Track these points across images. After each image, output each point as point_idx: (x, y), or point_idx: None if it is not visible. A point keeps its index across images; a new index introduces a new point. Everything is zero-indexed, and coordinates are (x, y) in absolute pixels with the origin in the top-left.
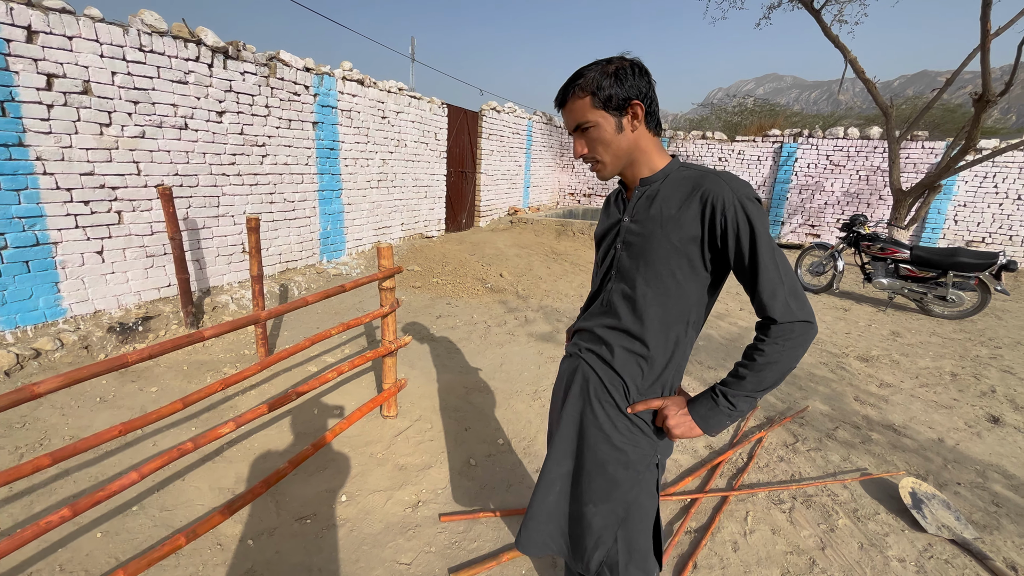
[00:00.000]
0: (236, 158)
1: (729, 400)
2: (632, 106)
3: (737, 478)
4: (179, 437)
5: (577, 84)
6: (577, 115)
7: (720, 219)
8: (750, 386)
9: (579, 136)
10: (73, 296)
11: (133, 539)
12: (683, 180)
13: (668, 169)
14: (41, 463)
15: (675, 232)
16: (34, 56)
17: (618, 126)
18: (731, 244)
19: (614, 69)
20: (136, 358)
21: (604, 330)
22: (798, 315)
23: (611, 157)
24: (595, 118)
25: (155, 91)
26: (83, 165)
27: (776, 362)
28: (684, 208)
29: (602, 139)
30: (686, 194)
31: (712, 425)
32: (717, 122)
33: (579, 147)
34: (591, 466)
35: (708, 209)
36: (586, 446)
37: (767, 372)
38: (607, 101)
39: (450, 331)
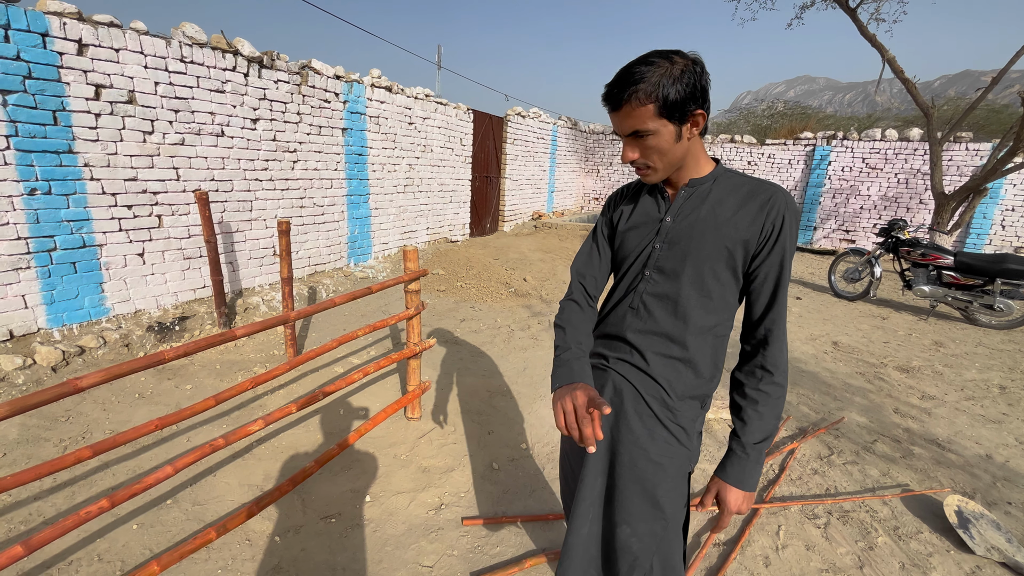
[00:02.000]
0: (269, 164)
1: (758, 451)
2: (695, 116)
3: (768, 490)
4: (211, 434)
5: (639, 88)
6: (635, 123)
7: (774, 230)
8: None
9: (633, 142)
10: (116, 296)
11: (167, 532)
12: (737, 184)
13: (716, 172)
14: (82, 455)
15: (731, 234)
16: (84, 68)
17: (677, 135)
18: (771, 260)
19: (679, 72)
20: (173, 355)
21: (636, 335)
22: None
23: (665, 164)
24: (656, 127)
25: (194, 100)
26: (127, 171)
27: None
28: (742, 211)
29: (659, 148)
30: (743, 198)
31: (755, 483)
32: (746, 126)
33: (631, 153)
34: (627, 484)
35: (768, 215)
36: (620, 463)
37: (774, 414)
38: (671, 110)
39: (474, 335)
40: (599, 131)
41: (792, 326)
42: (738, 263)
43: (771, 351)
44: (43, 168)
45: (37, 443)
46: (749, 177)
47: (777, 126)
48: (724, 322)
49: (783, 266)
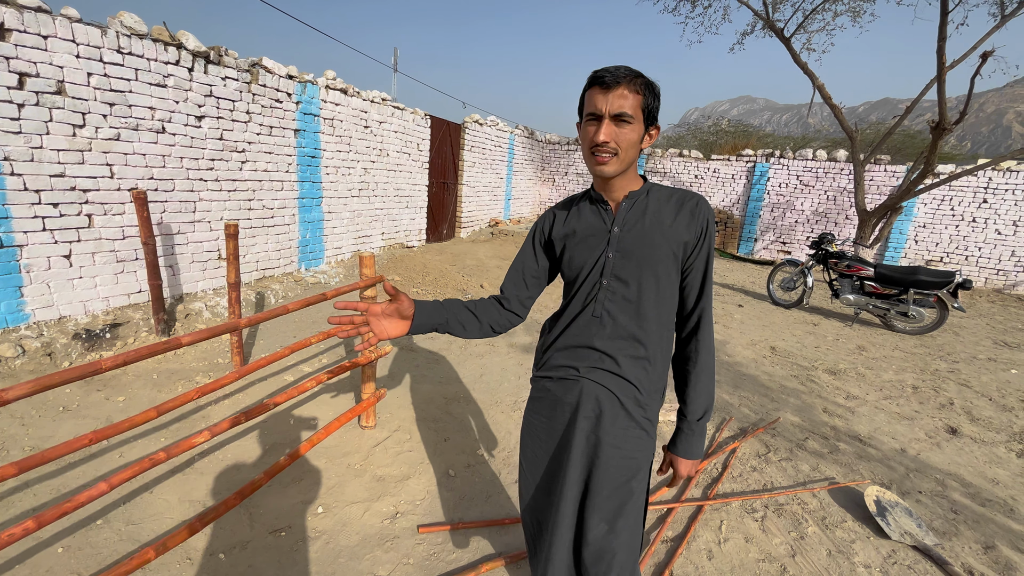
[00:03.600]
0: (215, 163)
1: (702, 425)
2: (655, 129)
3: (712, 488)
4: (147, 448)
5: (638, 79)
6: (625, 105)
7: (702, 230)
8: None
9: (612, 124)
10: (37, 301)
11: (97, 554)
12: (667, 195)
13: (647, 186)
14: (6, 472)
15: (674, 238)
16: (6, 54)
17: (641, 138)
18: (701, 256)
19: (657, 89)
20: (111, 364)
21: (605, 341)
22: (712, 343)
23: (626, 157)
24: (636, 118)
25: (132, 93)
26: (53, 167)
27: (712, 380)
28: (679, 217)
29: (630, 140)
30: (676, 206)
31: (700, 451)
32: (693, 141)
33: (607, 132)
34: (605, 484)
35: (697, 219)
36: (598, 466)
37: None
38: (648, 112)
39: (430, 341)
40: (555, 141)
41: (735, 332)
42: (680, 263)
43: (702, 335)
44: None
45: None
46: (673, 188)
47: (722, 142)
48: (672, 317)
49: (708, 261)
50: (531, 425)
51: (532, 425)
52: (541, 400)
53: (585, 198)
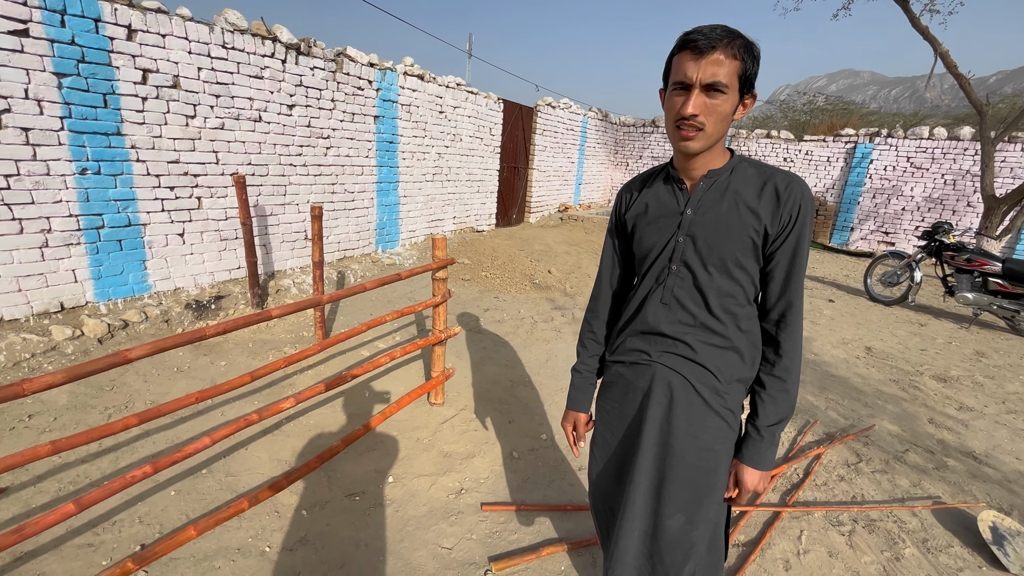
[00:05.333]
0: (303, 149)
1: (772, 433)
2: (752, 97)
3: (792, 494)
4: (244, 409)
5: (736, 41)
6: (720, 72)
7: (791, 216)
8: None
9: (702, 95)
10: (157, 274)
11: (202, 499)
12: (754, 174)
13: (733, 163)
14: (129, 423)
15: (753, 224)
16: (132, 52)
17: (735, 109)
18: (788, 245)
19: (758, 51)
20: (213, 332)
21: (675, 327)
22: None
23: (714, 132)
24: (731, 87)
25: (234, 85)
26: (170, 153)
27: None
28: (762, 201)
29: (722, 112)
30: (760, 185)
31: (771, 463)
32: (783, 120)
33: (695, 104)
34: (681, 475)
35: (785, 203)
36: (673, 454)
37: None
38: (745, 79)
39: (497, 325)
40: (630, 123)
41: (823, 329)
42: (760, 251)
43: (784, 335)
44: (93, 149)
45: (84, 410)
46: (765, 166)
47: (816, 122)
48: (753, 307)
49: (797, 252)
50: (602, 411)
51: (603, 411)
52: (613, 385)
53: (662, 174)
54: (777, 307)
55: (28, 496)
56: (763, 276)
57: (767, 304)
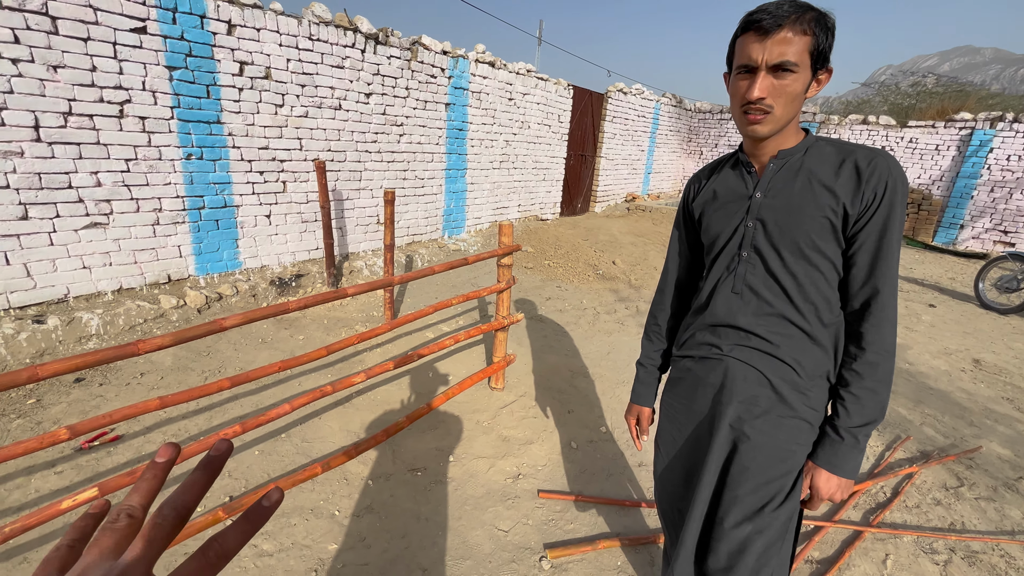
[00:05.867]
0: (378, 136)
1: (854, 436)
2: (827, 72)
3: (877, 514)
4: (318, 381)
5: (806, 15)
6: (789, 51)
7: (875, 195)
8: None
9: (769, 76)
10: (247, 252)
11: (281, 460)
12: (832, 151)
13: (807, 142)
14: (223, 385)
15: (829, 204)
16: (231, 46)
17: (807, 86)
18: (872, 226)
19: (831, 22)
20: (295, 306)
21: (749, 319)
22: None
23: (785, 114)
24: (801, 65)
25: (318, 75)
26: (261, 140)
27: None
28: (840, 178)
29: (793, 92)
30: (838, 163)
31: (852, 470)
32: (882, 105)
33: (762, 88)
34: (750, 476)
35: (868, 180)
36: (743, 454)
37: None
38: (819, 53)
39: (559, 314)
40: (705, 110)
41: (921, 336)
42: (839, 233)
43: (869, 326)
44: (197, 136)
45: (185, 371)
46: (845, 143)
47: (923, 105)
48: (835, 295)
49: (885, 234)
50: (669, 407)
51: (670, 407)
52: (681, 381)
53: (731, 160)
54: (861, 294)
55: (139, 444)
56: (846, 261)
57: (850, 291)
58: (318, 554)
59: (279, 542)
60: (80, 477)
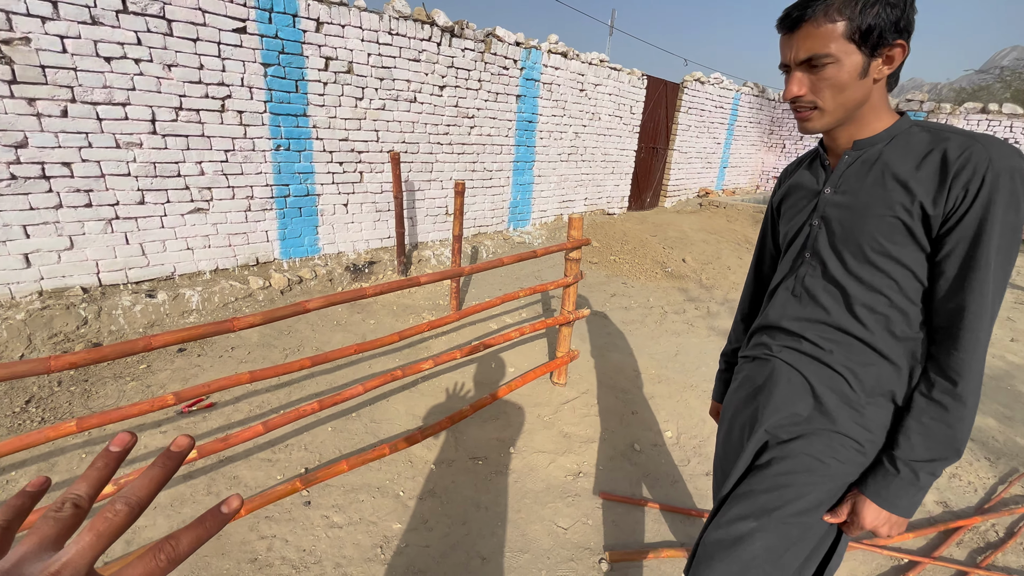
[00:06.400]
0: (449, 129)
1: (913, 471)
2: (893, 48)
3: (987, 555)
4: (386, 364)
5: (832, 4)
6: (815, 44)
7: (967, 194)
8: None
9: (803, 72)
10: (325, 239)
11: (351, 438)
12: (923, 140)
13: (896, 129)
14: (304, 363)
15: (901, 199)
16: (318, 43)
17: (863, 70)
18: (962, 230)
19: None
20: (372, 292)
21: (798, 323)
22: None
23: (836, 106)
24: (839, 53)
25: (396, 69)
26: (341, 132)
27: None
28: (919, 170)
29: (837, 82)
30: (922, 154)
31: (906, 507)
32: (1004, 92)
33: (796, 86)
34: (770, 477)
35: (957, 174)
36: (769, 452)
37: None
38: (865, 34)
39: (624, 311)
40: None
41: None
42: (921, 239)
43: (950, 350)
44: (286, 128)
45: (269, 348)
46: (946, 129)
47: None
48: (912, 305)
49: (980, 241)
50: (726, 407)
51: (726, 407)
52: (736, 380)
53: (815, 152)
54: (944, 311)
55: (228, 412)
56: (933, 269)
57: (934, 305)
58: (383, 531)
59: (348, 516)
60: None
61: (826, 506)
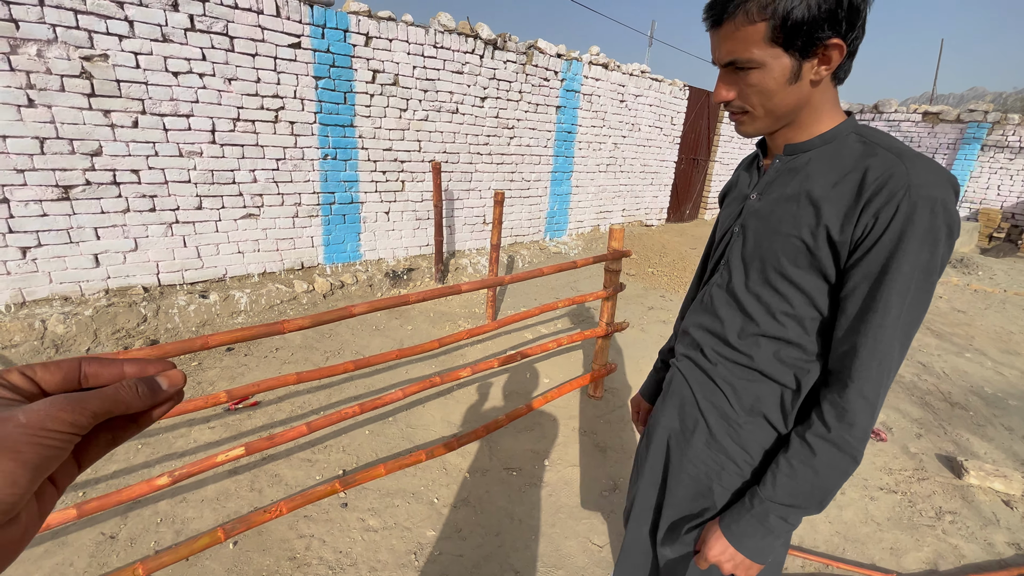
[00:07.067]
0: (489, 139)
1: (766, 510)
2: (827, 48)
3: None
4: (424, 370)
5: (751, 2)
6: (735, 47)
7: (877, 223)
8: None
9: (730, 74)
10: (367, 245)
11: (388, 443)
12: (854, 152)
13: (831, 135)
14: (348, 367)
15: (808, 219)
16: (367, 56)
17: (794, 74)
18: (868, 263)
19: None
20: (415, 299)
21: (700, 332)
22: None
23: (766, 112)
24: (763, 57)
25: (439, 81)
26: (385, 142)
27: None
28: (834, 190)
29: (764, 88)
30: (845, 170)
31: (753, 549)
32: None
33: (724, 91)
34: (672, 502)
35: (869, 200)
36: (671, 475)
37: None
38: (791, 35)
39: (662, 325)
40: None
41: None
42: (826, 266)
43: (836, 395)
44: (334, 139)
45: (311, 350)
46: (883, 142)
47: None
48: (814, 339)
49: (884, 279)
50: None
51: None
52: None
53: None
54: (837, 353)
55: (272, 411)
56: (836, 305)
57: (833, 340)
58: (417, 537)
59: (383, 520)
60: (227, 434)
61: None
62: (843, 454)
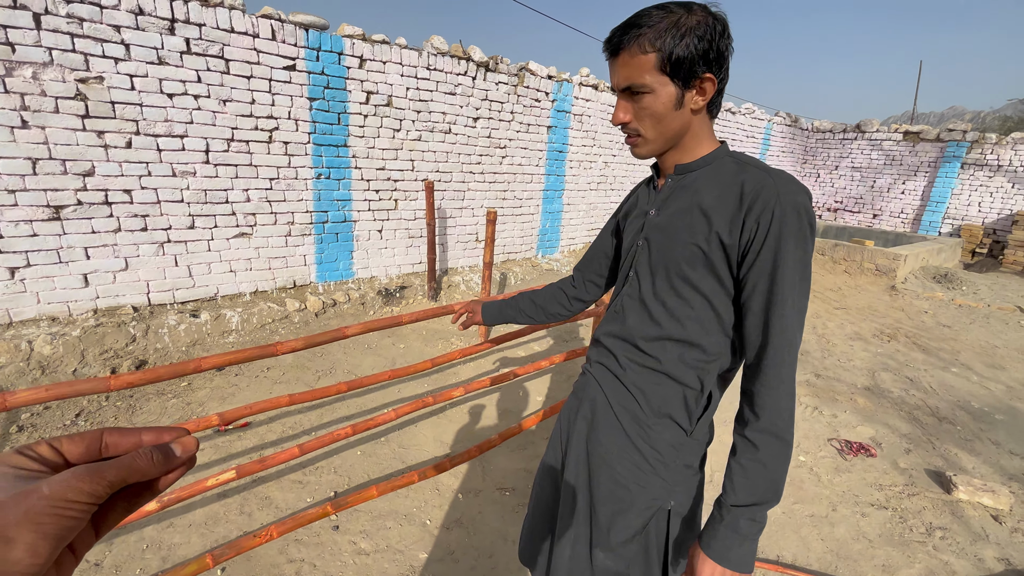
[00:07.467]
0: (482, 159)
1: (735, 516)
2: (703, 80)
3: None
4: (416, 389)
5: (642, 34)
6: (632, 74)
7: (758, 230)
8: (744, 494)
9: (626, 99)
10: (359, 263)
11: (379, 463)
12: (730, 170)
13: (711, 157)
14: (341, 388)
15: (701, 227)
16: (361, 78)
17: (678, 101)
18: (760, 268)
19: (694, 24)
20: (408, 319)
21: (612, 340)
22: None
23: (657, 135)
24: (654, 84)
25: (432, 102)
26: (379, 162)
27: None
28: (721, 203)
29: (654, 112)
30: (726, 184)
31: (737, 561)
32: None
33: (621, 113)
34: (600, 509)
35: (750, 209)
36: (593, 480)
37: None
38: (675, 67)
39: None
40: (825, 129)
41: None
42: (719, 268)
43: (759, 389)
44: (327, 158)
45: (302, 369)
46: (751, 162)
47: None
48: (713, 339)
49: (776, 276)
50: (565, 411)
51: (561, 414)
52: (574, 390)
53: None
54: (752, 347)
55: (263, 432)
56: (740, 308)
57: (745, 342)
58: (410, 560)
59: (375, 543)
60: (217, 456)
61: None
62: (779, 440)
